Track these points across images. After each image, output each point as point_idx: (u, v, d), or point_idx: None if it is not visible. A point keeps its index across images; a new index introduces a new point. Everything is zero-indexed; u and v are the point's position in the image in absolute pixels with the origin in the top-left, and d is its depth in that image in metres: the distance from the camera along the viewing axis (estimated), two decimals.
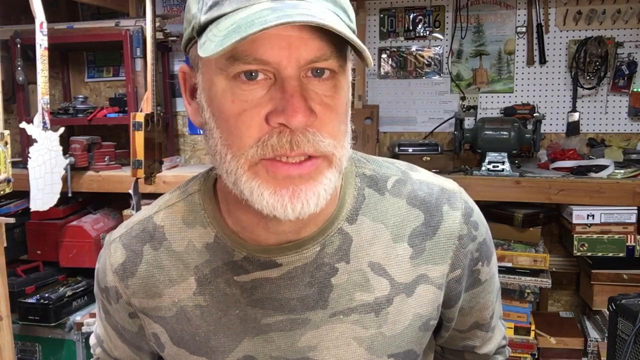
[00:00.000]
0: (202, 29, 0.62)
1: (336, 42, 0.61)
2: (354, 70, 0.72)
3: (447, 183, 0.82)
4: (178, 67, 2.78)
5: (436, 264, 0.78)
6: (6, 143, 1.76)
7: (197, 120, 0.70)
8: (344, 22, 0.63)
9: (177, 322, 0.79)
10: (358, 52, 0.61)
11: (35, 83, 1.95)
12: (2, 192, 1.75)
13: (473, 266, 0.82)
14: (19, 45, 2.36)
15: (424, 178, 0.81)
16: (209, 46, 0.58)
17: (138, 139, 1.98)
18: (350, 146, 0.69)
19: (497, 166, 2.10)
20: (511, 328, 2.09)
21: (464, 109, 2.51)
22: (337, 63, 0.63)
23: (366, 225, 0.77)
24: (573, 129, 2.44)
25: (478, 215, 0.82)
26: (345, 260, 0.76)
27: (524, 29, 2.47)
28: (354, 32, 0.65)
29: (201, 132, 0.71)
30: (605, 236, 2.01)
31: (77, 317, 2.30)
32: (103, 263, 0.85)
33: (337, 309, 0.76)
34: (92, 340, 0.99)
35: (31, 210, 2.03)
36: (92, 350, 1.00)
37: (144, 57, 2.27)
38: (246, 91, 0.61)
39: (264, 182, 0.63)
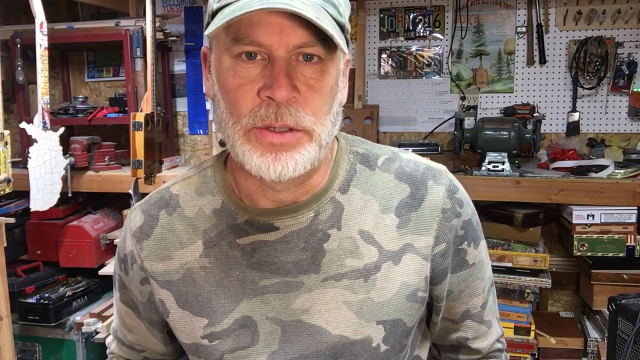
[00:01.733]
0: (213, 15, 0.73)
1: (322, 32, 0.69)
2: (353, 69, 0.76)
3: (434, 164, 0.90)
4: (178, 67, 2.82)
5: (421, 235, 0.84)
6: (6, 143, 1.76)
7: (210, 93, 0.80)
8: (330, 15, 0.71)
9: (184, 284, 0.86)
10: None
11: (35, 83, 1.95)
12: (2, 192, 1.75)
13: (459, 244, 0.87)
14: (19, 45, 2.36)
15: (412, 157, 0.90)
16: (211, 28, 0.70)
17: (138, 139, 1.98)
18: (337, 126, 0.80)
19: (497, 166, 2.10)
20: (511, 328, 2.09)
21: (464, 109, 2.51)
22: (323, 50, 0.72)
23: (357, 196, 0.85)
24: (573, 129, 2.44)
25: (463, 194, 0.89)
26: (337, 227, 0.83)
27: (524, 29, 2.47)
28: (342, 25, 0.74)
29: (201, 132, 0.80)
30: (605, 236, 2.01)
31: (77, 317, 2.29)
32: (124, 231, 0.93)
33: (329, 274, 0.83)
34: (109, 338, 1.06)
35: (31, 210, 2.03)
36: (108, 350, 1.06)
37: (144, 57, 2.27)
38: (245, 69, 0.72)
39: (253, 147, 0.74)
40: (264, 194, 0.82)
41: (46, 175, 2.02)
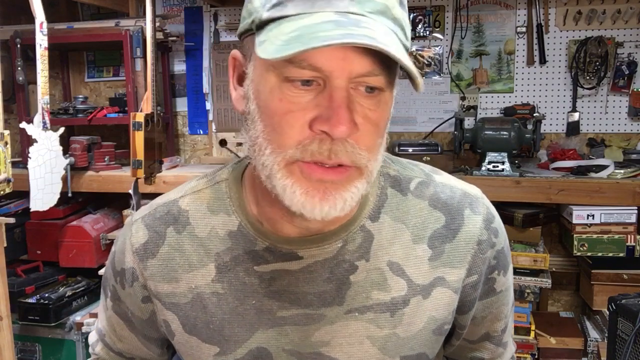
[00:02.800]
0: (262, 24, 0.64)
1: (388, 61, 0.62)
2: None
3: (470, 188, 0.83)
4: (178, 67, 2.82)
5: (454, 268, 0.78)
6: (6, 143, 1.76)
7: (240, 107, 0.72)
8: (400, 41, 0.64)
9: (192, 309, 0.80)
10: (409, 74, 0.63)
11: (35, 83, 1.95)
12: (2, 192, 1.75)
13: (489, 274, 0.82)
14: (19, 45, 2.36)
15: (447, 181, 0.82)
16: (269, 47, 0.60)
17: (138, 139, 1.98)
18: (382, 157, 0.71)
19: (497, 166, 2.10)
20: (513, 327, 2.09)
21: (464, 109, 2.51)
22: (385, 80, 0.64)
23: (387, 224, 0.78)
24: (573, 129, 2.44)
25: (499, 223, 0.83)
26: (365, 258, 0.76)
27: (524, 29, 2.47)
28: (408, 49, 0.67)
29: (201, 132, 0.74)
30: (605, 236, 2.01)
31: (77, 317, 2.29)
32: (122, 244, 0.85)
33: (353, 306, 0.76)
34: (93, 337, 0.99)
35: (31, 210, 2.03)
36: (90, 349, 0.99)
37: (144, 57, 2.27)
38: (295, 94, 0.63)
39: (297, 182, 0.65)
40: (291, 221, 0.73)
41: (46, 175, 2.02)
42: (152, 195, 2.17)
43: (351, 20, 0.60)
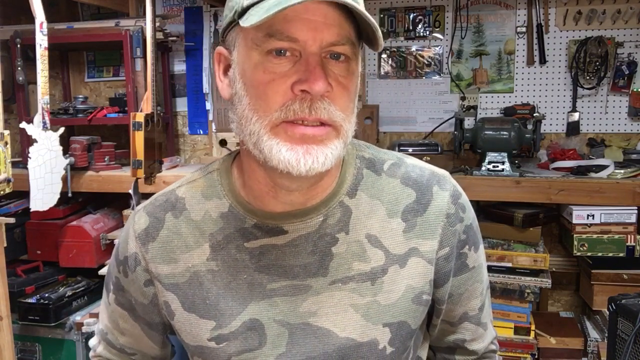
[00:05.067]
0: (244, 11, 0.72)
1: (352, 31, 0.73)
2: None
3: (437, 169, 0.91)
4: (178, 67, 2.82)
5: (426, 239, 0.85)
6: (6, 143, 1.76)
7: (227, 93, 0.80)
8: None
9: (190, 287, 0.86)
10: (368, 39, 0.75)
11: (35, 83, 1.95)
12: (2, 192, 1.75)
13: (461, 248, 0.89)
14: (19, 45, 2.36)
15: (416, 163, 0.91)
16: (253, 18, 0.69)
17: (138, 139, 1.98)
18: (354, 126, 0.79)
19: (497, 166, 2.10)
20: (511, 328, 2.09)
21: (464, 109, 2.51)
22: (351, 49, 0.74)
23: (364, 200, 0.85)
24: (573, 129, 2.44)
25: (465, 200, 0.90)
26: (345, 231, 0.84)
27: (524, 29, 2.47)
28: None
29: (201, 132, 0.79)
30: (605, 236, 2.01)
31: (77, 317, 2.29)
32: (126, 232, 0.92)
33: (336, 277, 0.83)
34: (93, 340, 1.03)
35: (31, 210, 2.03)
36: (92, 352, 1.03)
37: (144, 57, 2.27)
38: (276, 64, 0.72)
39: (282, 140, 0.73)
40: (275, 196, 0.82)
41: (46, 175, 2.02)
42: (152, 195, 2.19)
43: None
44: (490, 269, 1.56)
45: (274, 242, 0.83)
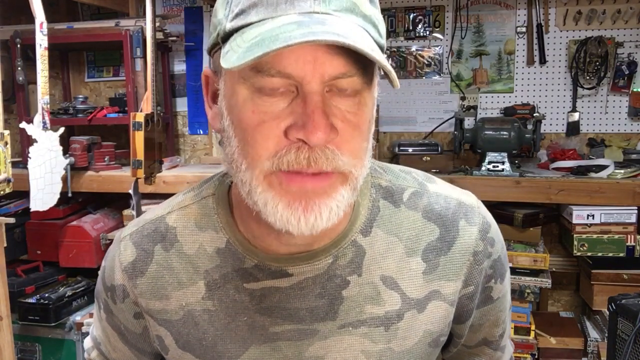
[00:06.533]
0: (227, 36, 0.61)
1: (363, 59, 0.59)
2: None
3: (465, 196, 0.80)
4: (178, 67, 2.82)
5: (449, 280, 0.76)
6: (6, 143, 1.76)
7: (216, 125, 0.69)
8: (372, 38, 0.61)
9: (184, 326, 0.78)
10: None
11: (35, 83, 1.95)
12: (2, 192, 1.75)
13: (486, 283, 0.80)
14: (19, 45, 2.36)
15: (441, 191, 0.79)
16: (231, 57, 0.57)
17: (138, 139, 1.98)
18: (369, 163, 0.68)
19: (497, 166, 2.10)
20: (511, 328, 2.09)
21: (464, 109, 2.51)
22: (361, 80, 0.61)
23: (380, 237, 0.75)
24: (573, 129, 2.44)
25: (495, 231, 0.81)
26: (357, 273, 0.74)
27: (524, 29, 2.47)
28: (382, 47, 0.64)
29: (201, 132, 0.73)
30: (605, 236, 2.01)
31: (77, 317, 2.30)
32: (111, 260, 0.83)
33: (347, 321, 0.75)
34: (88, 343, 0.98)
35: (31, 210, 2.02)
36: (86, 355, 0.98)
37: (144, 57, 2.27)
38: (267, 103, 0.60)
39: (278, 195, 0.62)
40: (278, 239, 0.71)
41: (46, 175, 2.02)
42: (152, 195, 2.19)
43: (314, 19, 0.57)
44: None
45: (277, 285, 0.74)
